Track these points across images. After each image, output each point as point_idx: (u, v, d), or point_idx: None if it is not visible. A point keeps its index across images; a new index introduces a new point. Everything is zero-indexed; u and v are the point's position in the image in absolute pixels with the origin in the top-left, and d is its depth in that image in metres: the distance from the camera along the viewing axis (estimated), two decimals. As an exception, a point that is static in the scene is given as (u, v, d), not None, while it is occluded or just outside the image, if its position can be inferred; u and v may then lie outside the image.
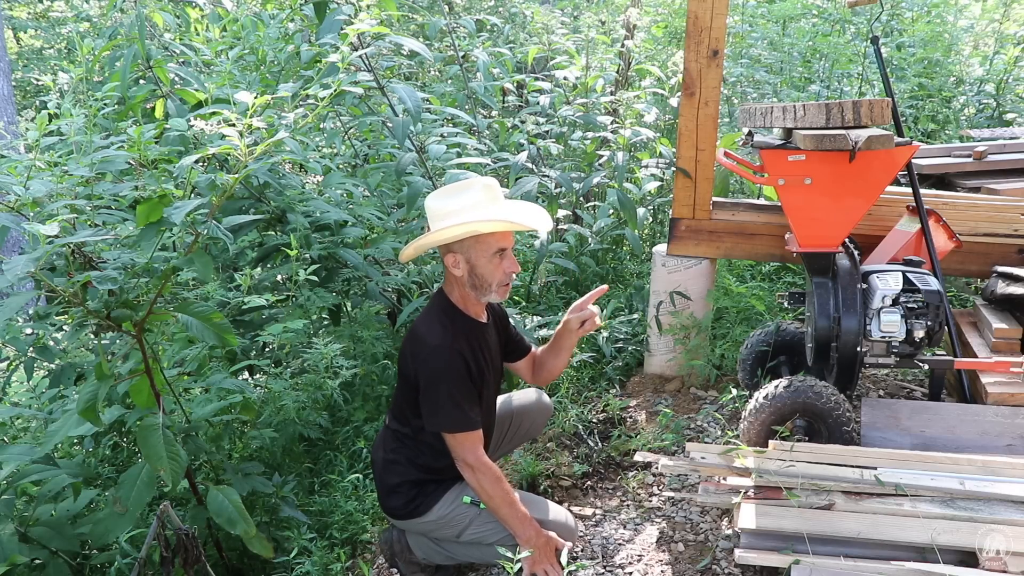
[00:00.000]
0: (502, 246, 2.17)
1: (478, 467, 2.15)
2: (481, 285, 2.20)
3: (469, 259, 2.17)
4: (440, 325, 2.19)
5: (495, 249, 2.16)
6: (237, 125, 2.13)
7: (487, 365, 2.29)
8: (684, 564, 2.29)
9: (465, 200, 2.14)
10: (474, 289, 2.21)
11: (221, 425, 2.79)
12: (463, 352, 2.16)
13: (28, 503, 2.37)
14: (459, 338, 2.18)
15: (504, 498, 2.16)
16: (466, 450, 2.15)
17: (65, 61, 8.16)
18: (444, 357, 2.13)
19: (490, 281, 2.19)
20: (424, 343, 2.17)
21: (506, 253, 2.19)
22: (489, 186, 2.18)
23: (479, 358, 2.24)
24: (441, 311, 2.24)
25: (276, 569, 2.53)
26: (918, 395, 3.22)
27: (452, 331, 2.18)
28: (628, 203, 3.77)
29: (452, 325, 2.20)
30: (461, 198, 2.15)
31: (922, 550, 2.01)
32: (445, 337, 2.16)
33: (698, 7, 3.11)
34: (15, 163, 2.20)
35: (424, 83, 5.55)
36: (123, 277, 2.17)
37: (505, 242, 2.18)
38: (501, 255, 2.18)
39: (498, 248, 2.16)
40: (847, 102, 2.42)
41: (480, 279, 2.19)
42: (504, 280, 2.21)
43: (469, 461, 2.15)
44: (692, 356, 3.33)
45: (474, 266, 2.17)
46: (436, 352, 2.14)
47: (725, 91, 5.89)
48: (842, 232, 2.61)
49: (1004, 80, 6.18)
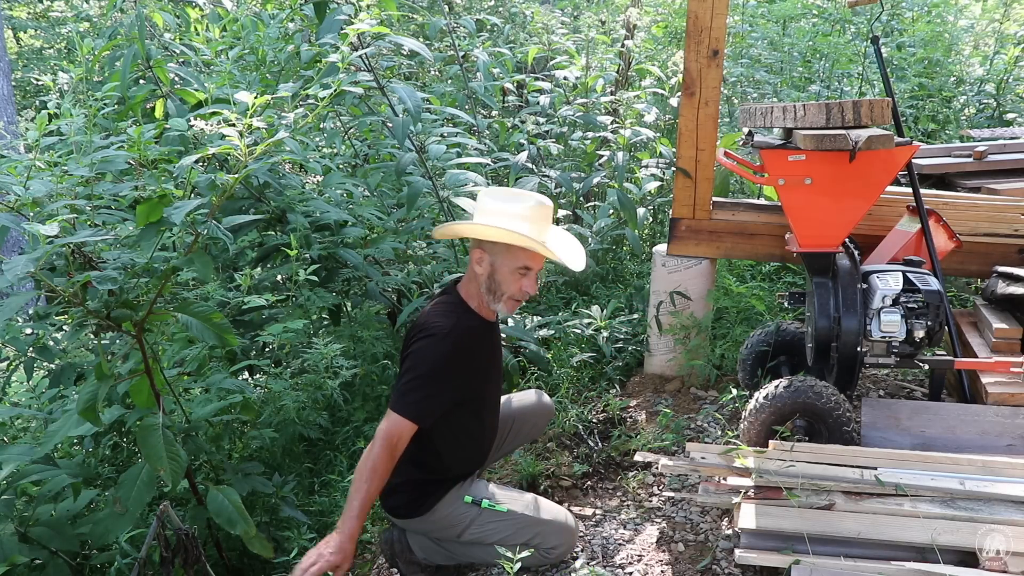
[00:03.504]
0: (529, 265, 2.18)
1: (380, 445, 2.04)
2: (495, 291, 2.21)
3: (494, 262, 2.18)
4: (447, 319, 2.20)
5: (521, 264, 2.17)
6: (237, 125, 2.13)
7: (492, 363, 2.30)
8: (684, 564, 2.29)
9: (516, 208, 2.15)
10: (488, 292, 2.22)
11: (221, 425, 2.79)
12: (461, 349, 2.16)
13: (28, 503, 2.37)
14: (462, 335, 2.18)
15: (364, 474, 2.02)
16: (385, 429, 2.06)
17: (65, 61, 8.17)
18: (438, 347, 2.14)
19: (504, 291, 2.20)
20: (425, 329, 2.18)
21: (530, 273, 2.20)
22: (543, 204, 2.19)
23: (482, 356, 2.25)
24: (452, 306, 2.25)
25: (276, 569, 2.53)
26: (918, 395, 3.22)
27: (457, 326, 2.18)
28: (628, 203, 3.77)
29: (459, 321, 2.20)
30: (513, 205, 2.16)
31: (922, 550, 2.01)
32: (446, 328, 2.16)
33: (698, 7, 3.11)
34: (15, 163, 2.20)
35: (424, 83, 5.55)
36: (123, 277, 2.17)
37: (533, 263, 2.19)
38: (524, 272, 2.19)
39: (524, 265, 2.18)
40: (847, 102, 2.42)
41: (496, 285, 2.20)
42: (517, 295, 2.22)
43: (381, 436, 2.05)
44: (692, 356, 3.33)
45: (496, 270, 2.19)
46: (433, 340, 2.15)
47: (725, 91, 5.88)
48: (842, 232, 2.61)
49: (1004, 80, 6.18)
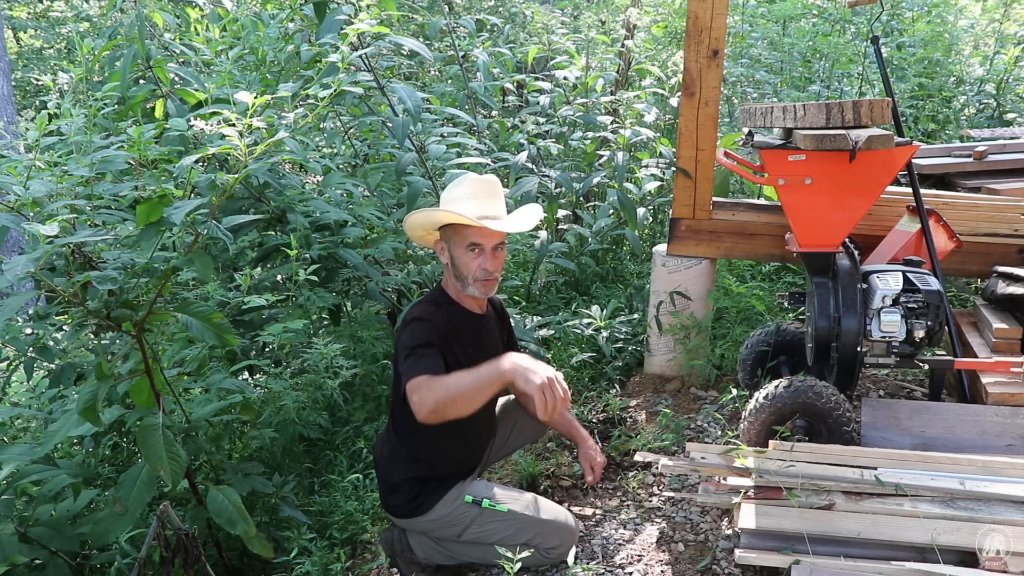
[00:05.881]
0: (474, 241, 2.19)
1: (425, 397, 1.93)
2: (460, 276, 2.25)
3: (449, 248, 2.25)
4: (428, 307, 2.25)
5: (468, 242, 2.20)
6: (237, 125, 2.13)
7: (480, 353, 2.26)
8: (684, 564, 2.29)
9: (459, 191, 2.23)
10: (457, 279, 2.27)
11: (221, 425, 2.79)
12: (442, 332, 2.18)
13: (28, 503, 2.36)
14: (443, 319, 2.22)
15: (456, 381, 1.94)
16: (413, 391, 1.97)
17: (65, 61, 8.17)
18: (420, 329, 2.16)
19: (466, 274, 2.24)
20: (408, 317, 2.23)
21: (481, 249, 2.20)
22: (479, 181, 2.23)
23: (466, 341, 2.26)
24: (433, 298, 2.31)
25: (276, 569, 2.53)
26: (918, 395, 3.22)
27: (437, 312, 2.24)
28: (628, 203, 3.77)
29: (440, 308, 2.25)
30: (458, 188, 2.24)
31: (922, 550, 2.01)
32: (427, 314, 2.21)
33: (698, 7, 3.11)
34: (15, 163, 2.20)
35: (424, 83, 5.56)
36: (123, 277, 2.17)
37: (479, 238, 2.19)
38: (476, 250, 2.20)
39: (471, 242, 2.20)
40: (847, 102, 2.42)
41: (459, 270, 2.25)
42: (480, 276, 2.23)
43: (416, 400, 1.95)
44: (692, 356, 3.33)
45: (454, 256, 2.24)
46: (415, 325, 2.18)
47: (725, 91, 5.89)
48: (842, 232, 2.61)
49: (1004, 80, 6.18)
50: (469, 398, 1.92)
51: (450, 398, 1.91)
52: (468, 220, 2.15)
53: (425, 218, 2.25)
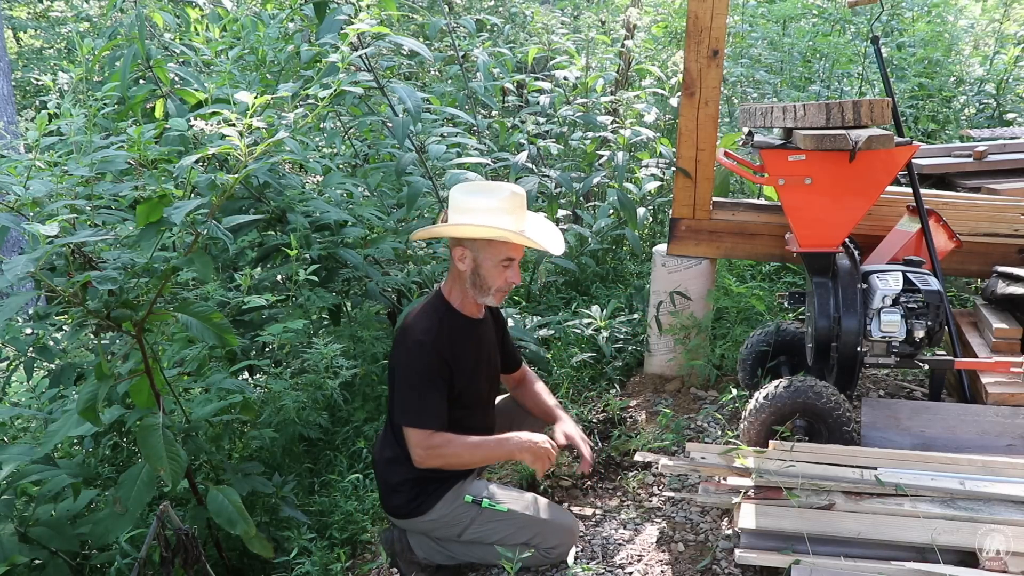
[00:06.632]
0: (512, 256, 2.20)
1: (431, 453, 2.17)
2: (481, 286, 2.22)
3: (476, 258, 2.20)
4: (428, 321, 2.23)
5: (504, 257, 2.19)
6: (237, 125, 2.13)
7: (480, 360, 2.31)
8: (684, 564, 2.29)
9: (490, 202, 2.16)
10: (473, 287, 2.23)
11: (221, 425, 2.79)
12: (443, 354, 2.18)
13: (28, 503, 2.37)
14: (443, 338, 2.20)
15: (467, 449, 2.20)
16: (417, 444, 2.17)
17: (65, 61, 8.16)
18: (422, 356, 2.16)
19: (490, 285, 2.22)
20: (408, 336, 2.21)
21: (513, 263, 2.21)
22: (516, 194, 2.20)
23: (466, 353, 2.26)
24: (434, 308, 2.27)
25: (276, 569, 2.53)
26: (918, 395, 3.22)
27: (439, 330, 2.21)
28: (628, 203, 3.77)
29: (440, 324, 2.23)
30: (487, 199, 2.17)
31: (922, 550, 2.01)
32: (428, 334, 2.19)
33: (698, 7, 3.11)
34: (15, 163, 2.20)
35: (424, 83, 5.56)
36: (123, 277, 2.17)
37: (515, 253, 2.21)
38: (508, 264, 2.21)
39: (507, 257, 2.19)
40: (847, 102, 2.42)
41: (481, 280, 2.21)
42: (504, 287, 2.24)
43: (420, 453, 2.18)
44: (692, 356, 3.33)
45: (479, 266, 2.20)
46: (415, 348, 2.17)
47: (725, 91, 5.88)
48: (842, 232, 2.61)
49: (1004, 80, 6.18)
50: (467, 465, 2.27)
51: (450, 465, 2.22)
52: (533, 244, 2.17)
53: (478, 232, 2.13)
